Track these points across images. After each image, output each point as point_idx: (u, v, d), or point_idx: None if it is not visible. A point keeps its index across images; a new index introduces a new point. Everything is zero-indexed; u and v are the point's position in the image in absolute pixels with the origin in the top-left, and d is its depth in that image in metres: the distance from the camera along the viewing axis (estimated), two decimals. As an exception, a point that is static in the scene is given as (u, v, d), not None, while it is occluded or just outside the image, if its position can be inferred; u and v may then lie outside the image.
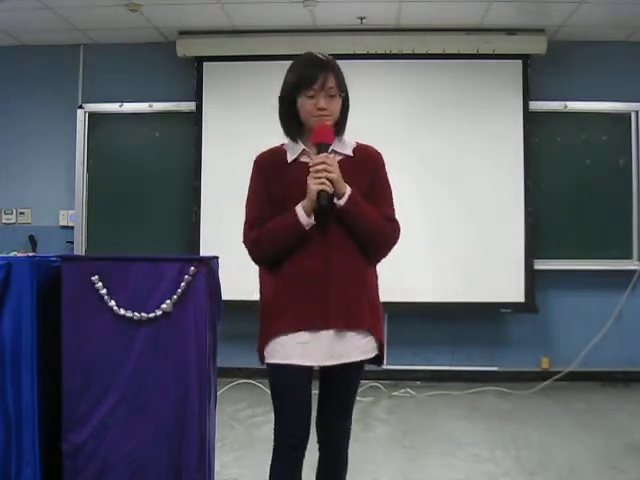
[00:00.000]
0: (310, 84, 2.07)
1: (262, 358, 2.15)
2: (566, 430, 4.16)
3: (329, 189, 2.03)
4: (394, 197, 2.22)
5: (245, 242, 2.16)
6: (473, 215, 5.48)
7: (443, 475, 3.39)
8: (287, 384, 2.11)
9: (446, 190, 5.48)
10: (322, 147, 2.08)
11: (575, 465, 3.46)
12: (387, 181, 2.21)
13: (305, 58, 2.15)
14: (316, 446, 2.22)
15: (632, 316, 5.52)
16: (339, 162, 2.10)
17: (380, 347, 2.17)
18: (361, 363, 2.16)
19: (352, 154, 2.17)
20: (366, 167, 2.17)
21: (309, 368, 2.10)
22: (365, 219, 2.10)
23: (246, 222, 2.17)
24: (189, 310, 2.40)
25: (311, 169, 2.05)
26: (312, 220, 2.06)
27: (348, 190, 2.07)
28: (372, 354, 2.15)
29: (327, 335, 2.07)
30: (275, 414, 2.14)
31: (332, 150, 2.12)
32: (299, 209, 2.06)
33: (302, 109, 2.11)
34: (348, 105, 2.18)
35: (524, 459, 3.59)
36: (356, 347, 2.11)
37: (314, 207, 2.05)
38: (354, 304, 2.10)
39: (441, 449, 3.79)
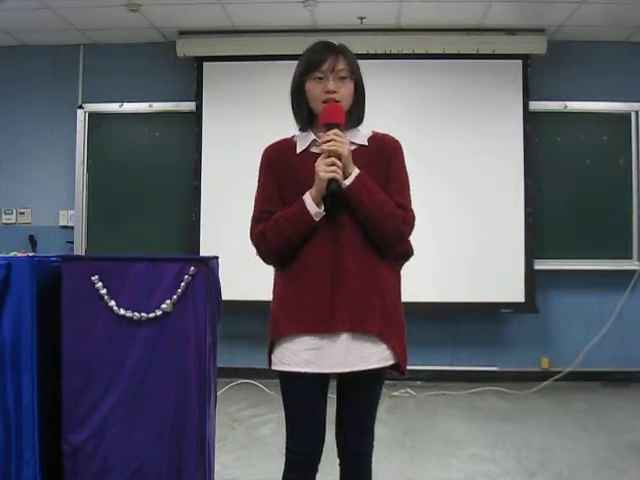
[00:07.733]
0: (318, 65, 1.97)
1: (270, 362, 2.02)
2: (566, 430, 4.16)
3: (340, 176, 1.90)
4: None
5: (251, 237, 2.02)
6: (473, 215, 5.48)
7: (443, 475, 3.39)
8: (297, 393, 1.98)
9: (445, 190, 5.47)
10: (331, 127, 1.94)
11: (575, 465, 3.46)
12: (402, 170, 2.05)
13: (314, 44, 2.06)
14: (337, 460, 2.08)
15: (632, 316, 5.51)
16: (352, 152, 1.95)
17: (397, 354, 1.98)
18: (378, 373, 1.97)
19: (367, 143, 2.04)
20: (382, 157, 2.02)
21: (321, 376, 1.95)
22: (372, 203, 1.92)
23: (252, 217, 2.03)
24: (189, 310, 2.40)
25: (323, 146, 1.91)
26: (322, 210, 1.92)
27: (356, 171, 1.93)
28: (386, 363, 1.97)
29: (338, 340, 1.91)
30: (286, 425, 2.02)
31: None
32: (307, 198, 1.92)
33: (310, 94, 1.99)
34: (363, 93, 2.06)
35: (524, 459, 3.59)
36: (369, 354, 1.94)
37: (323, 195, 1.91)
38: (363, 306, 1.93)
39: (441, 449, 3.79)
